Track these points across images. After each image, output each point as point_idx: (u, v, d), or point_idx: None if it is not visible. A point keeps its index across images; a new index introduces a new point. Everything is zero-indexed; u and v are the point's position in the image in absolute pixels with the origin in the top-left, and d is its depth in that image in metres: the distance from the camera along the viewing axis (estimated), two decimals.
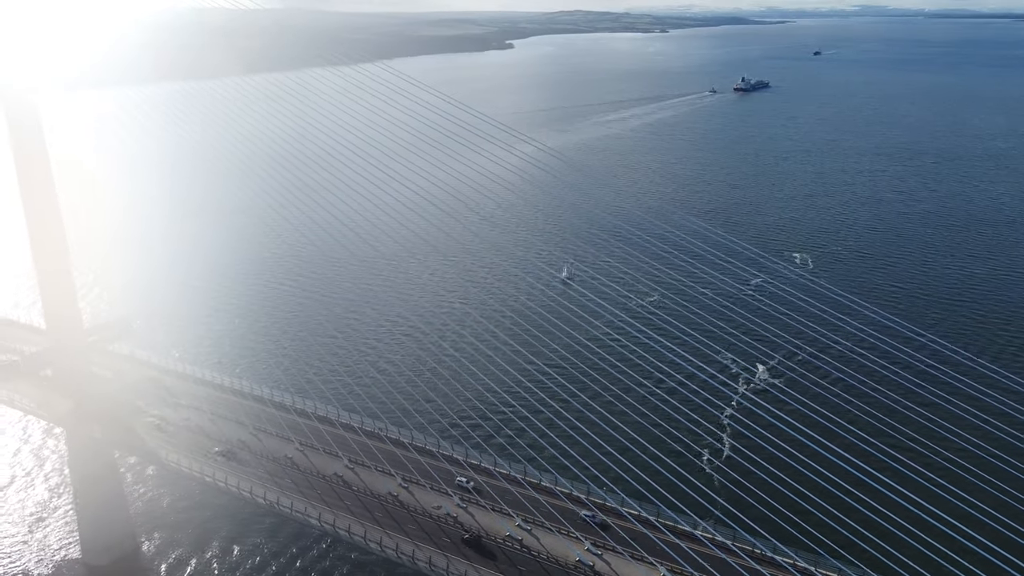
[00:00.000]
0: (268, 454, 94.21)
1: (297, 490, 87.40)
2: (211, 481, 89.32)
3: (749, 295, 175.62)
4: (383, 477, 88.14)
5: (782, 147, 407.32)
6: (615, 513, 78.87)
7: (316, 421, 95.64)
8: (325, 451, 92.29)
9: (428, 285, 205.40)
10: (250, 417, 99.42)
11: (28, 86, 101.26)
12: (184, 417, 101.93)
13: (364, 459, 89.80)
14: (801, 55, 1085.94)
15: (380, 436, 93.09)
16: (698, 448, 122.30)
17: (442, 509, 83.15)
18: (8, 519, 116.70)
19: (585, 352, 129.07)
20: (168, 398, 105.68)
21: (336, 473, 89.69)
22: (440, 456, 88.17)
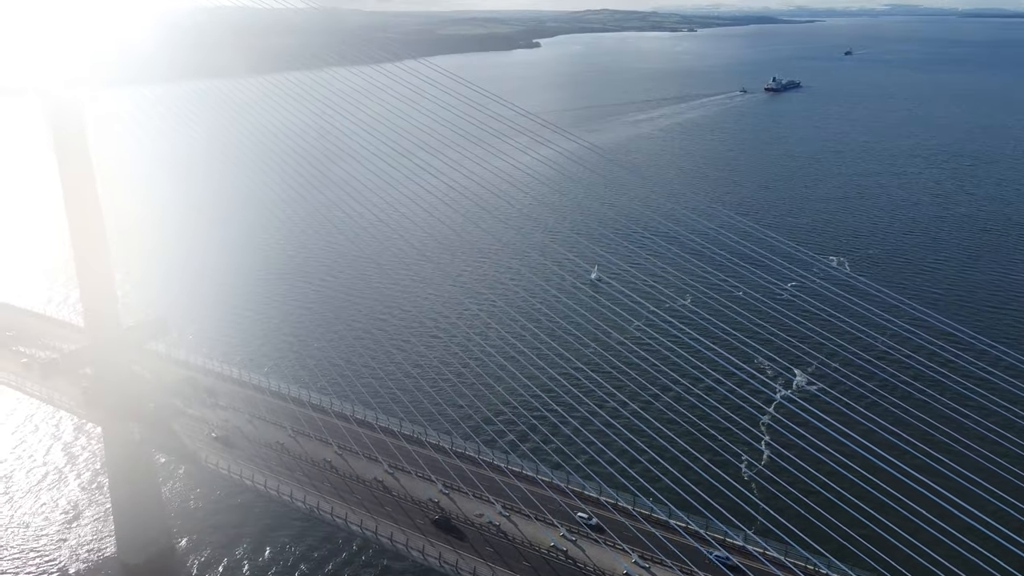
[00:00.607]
0: (307, 457, 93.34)
1: (336, 494, 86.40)
2: (251, 484, 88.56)
3: (786, 297, 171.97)
4: (423, 483, 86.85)
5: (814, 148, 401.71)
6: (664, 526, 76.96)
7: (355, 424, 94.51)
8: (364, 455, 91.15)
9: (457, 283, 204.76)
10: (288, 419, 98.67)
11: (71, 83, 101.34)
12: (223, 418, 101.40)
13: (404, 464, 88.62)
14: (831, 55, 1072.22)
15: (420, 441, 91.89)
16: (738, 453, 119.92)
17: (484, 517, 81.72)
18: (46, 516, 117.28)
19: (618, 354, 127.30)
20: (207, 399, 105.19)
21: (375, 478, 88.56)
22: (482, 463, 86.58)
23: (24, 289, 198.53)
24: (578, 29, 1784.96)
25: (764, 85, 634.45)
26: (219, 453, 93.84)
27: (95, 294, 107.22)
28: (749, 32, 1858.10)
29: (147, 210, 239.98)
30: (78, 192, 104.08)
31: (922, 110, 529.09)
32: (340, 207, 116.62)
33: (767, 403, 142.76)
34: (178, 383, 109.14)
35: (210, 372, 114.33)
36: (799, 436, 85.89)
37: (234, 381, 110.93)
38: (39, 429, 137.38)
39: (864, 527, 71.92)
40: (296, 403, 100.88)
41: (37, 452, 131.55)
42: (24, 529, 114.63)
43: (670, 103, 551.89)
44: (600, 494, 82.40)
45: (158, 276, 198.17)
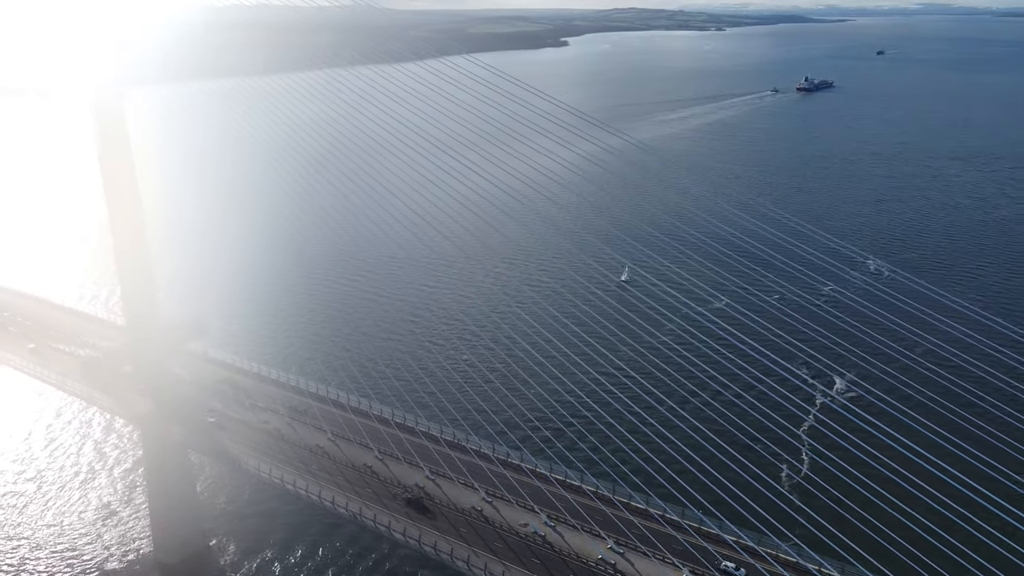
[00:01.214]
0: (347, 461, 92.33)
1: (378, 500, 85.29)
2: (292, 489, 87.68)
3: (821, 303, 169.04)
4: (466, 490, 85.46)
5: (849, 149, 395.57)
6: (717, 540, 74.91)
7: (396, 428, 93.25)
8: (405, 460, 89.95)
9: (486, 282, 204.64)
10: (328, 422, 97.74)
11: (115, 80, 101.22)
12: (262, 420, 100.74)
13: (446, 470, 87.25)
14: (863, 54, 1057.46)
15: (462, 447, 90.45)
16: (776, 464, 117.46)
17: (529, 527, 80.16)
18: (83, 513, 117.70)
19: (651, 356, 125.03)
20: (245, 400, 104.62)
21: (417, 484, 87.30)
22: (527, 471, 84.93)
23: (65, 287, 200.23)
24: (605, 28, 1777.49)
25: (796, 85, 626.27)
26: (259, 456, 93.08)
27: (135, 293, 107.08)
28: (778, 31, 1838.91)
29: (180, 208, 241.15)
30: (119, 191, 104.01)
31: (958, 111, 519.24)
32: (371, 206, 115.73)
33: (807, 409, 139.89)
34: (217, 384, 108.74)
35: (247, 373, 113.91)
36: (844, 442, 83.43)
37: (272, 382, 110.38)
38: (78, 427, 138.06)
39: (908, 538, 69.12)
40: (336, 406, 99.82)
41: (75, 450, 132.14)
42: (61, 526, 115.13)
43: (700, 103, 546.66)
44: (648, 504, 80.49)
45: (193, 275, 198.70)
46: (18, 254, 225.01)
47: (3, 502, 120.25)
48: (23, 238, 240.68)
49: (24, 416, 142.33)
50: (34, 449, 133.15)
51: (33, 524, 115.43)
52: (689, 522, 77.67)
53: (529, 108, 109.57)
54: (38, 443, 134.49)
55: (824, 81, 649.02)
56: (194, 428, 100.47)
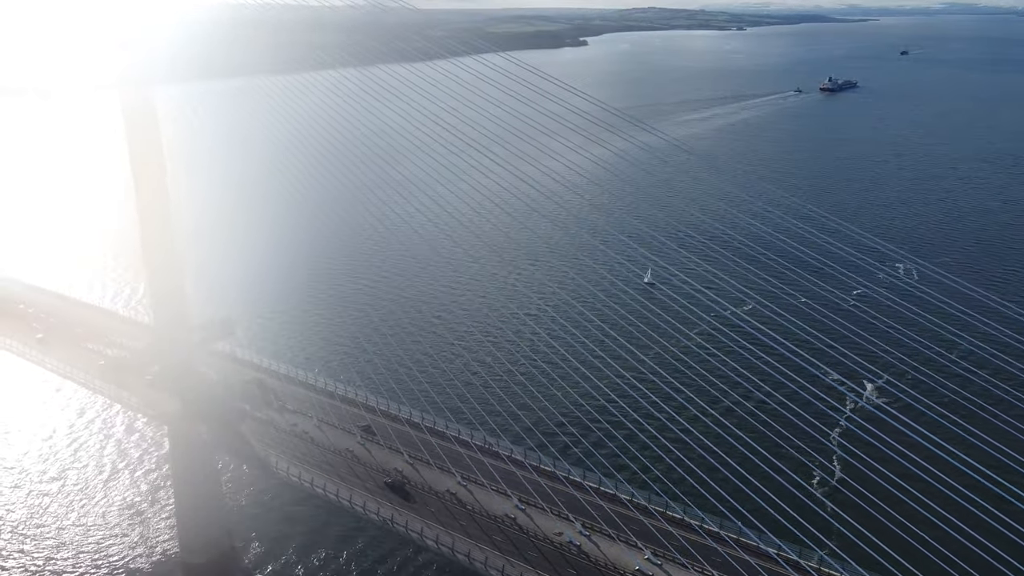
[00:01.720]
0: (376, 466, 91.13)
1: (408, 506, 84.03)
2: (322, 492, 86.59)
3: (851, 306, 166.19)
4: (499, 497, 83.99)
5: (874, 150, 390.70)
6: (756, 551, 72.98)
7: (428, 433, 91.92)
8: (438, 466, 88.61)
9: (507, 284, 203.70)
10: (359, 426, 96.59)
11: (146, 77, 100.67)
12: (292, 423, 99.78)
13: (479, 477, 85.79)
14: (887, 54, 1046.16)
15: (497, 454, 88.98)
16: (808, 470, 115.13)
17: (563, 536, 78.58)
18: (109, 513, 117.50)
19: (675, 362, 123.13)
20: (274, 401, 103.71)
21: (449, 490, 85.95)
22: (561, 479, 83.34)
23: (92, 285, 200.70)
24: (625, 27, 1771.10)
25: (819, 85, 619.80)
26: (288, 458, 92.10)
27: (163, 292, 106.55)
28: (800, 31, 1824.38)
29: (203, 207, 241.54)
30: (148, 189, 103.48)
31: (984, 112, 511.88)
32: (393, 204, 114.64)
33: (836, 417, 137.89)
34: (245, 384, 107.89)
35: (275, 373, 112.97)
36: (872, 452, 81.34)
37: (299, 383, 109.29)
38: (103, 426, 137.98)
39: (950, 548, 66.67)
40: (365, 408, 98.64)
41: (101, 449, 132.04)
42: (86, 525, 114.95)
43: (722, 103, 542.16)
44: (685, 515, 78.62)
45: (217, 273, 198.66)
46: (45, 252, 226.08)
47: (29, 500, 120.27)
48: (50, 236, 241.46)
49: (49, 414, 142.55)
50: (59, 448, 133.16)
51: (58, 522, 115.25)
52: (728, 533, 75.86)
53: (550, 106, 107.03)
54: (63, 442, 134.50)
55: (848, 81, 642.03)
56: (222, 429, 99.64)
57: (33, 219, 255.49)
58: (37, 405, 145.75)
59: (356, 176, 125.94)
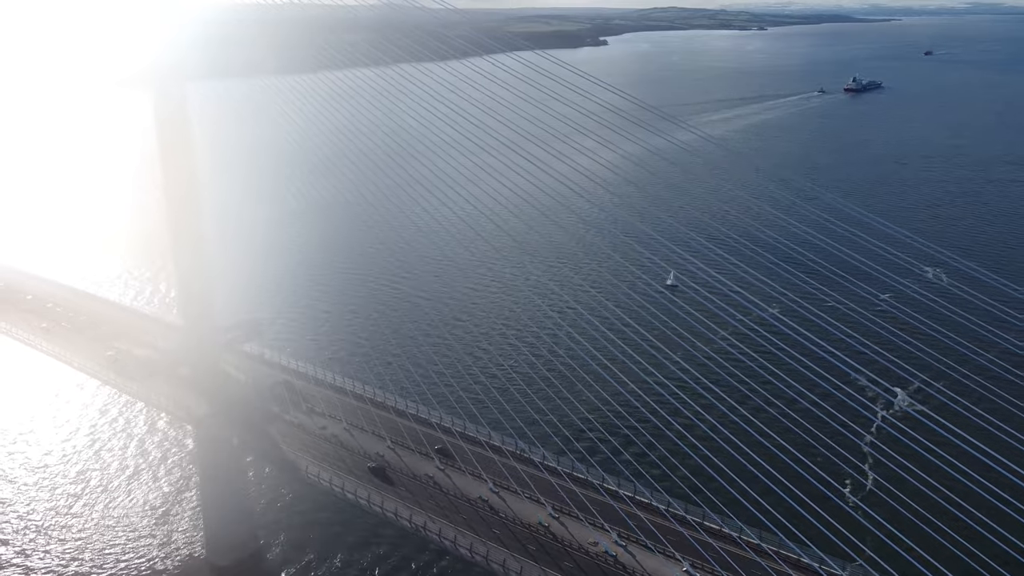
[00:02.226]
0: (407, 470, 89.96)
1: (441, 513, 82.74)
2: (352, 498, 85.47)
3: (881, 309, 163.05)
4: (531, 504, 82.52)
5: (901, 152, 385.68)
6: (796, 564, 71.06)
7: (460, 439, 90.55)
8: (469, 472, 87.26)
9: (528, 283, 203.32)
10: (388, 430, 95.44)
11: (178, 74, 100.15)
12: (320, 426, 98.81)
13: (512, 484, 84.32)
14: (911, 55, 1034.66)
15: (531, 460, 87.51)
16: (840, 477, 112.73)
17: (599, 546, 77.00)
18: (135, 513, 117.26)
19: (700, 366, 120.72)
20: (302, 404, 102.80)
21: (481, 497, 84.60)
22: (601, 489, 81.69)
23: (120, 284, 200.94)
24: (644, 27, 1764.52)
25: (843, 85, 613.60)
26: (317, 462, 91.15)
27: (192, 292, 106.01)
28: (821, 31, 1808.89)
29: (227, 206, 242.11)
30: (178, 186, 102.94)
31: (1013, 115, 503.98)
32: (412, 205, 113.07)
33: (867, 423, 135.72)
34: (272, 386, 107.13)
35: (302, 375, 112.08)
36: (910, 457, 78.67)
37: (327, 386, 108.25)
38: (131, 426, 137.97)
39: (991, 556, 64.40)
40: (396, 413, 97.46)
41: (127, 449, 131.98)
42: (112, 525, 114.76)
43: (745, 103, 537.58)
44: (724, 525, 76.75)
45: (243, 273, 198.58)
46: (72, 249, 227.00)
47: (53, 500, 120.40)
48: (77, 233, 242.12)
49: (75, 414, 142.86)
50: (83, 447, 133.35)
51: (83, 522, 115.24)
52: (769, 545, 74.04)
53: (571, 104, 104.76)
54: (88, 441, 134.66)
55: (872, 82, 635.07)
56: (250, 431, 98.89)
57: (60, 216, 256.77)
58: (63, 404, 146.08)
59: (382, 175, 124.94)
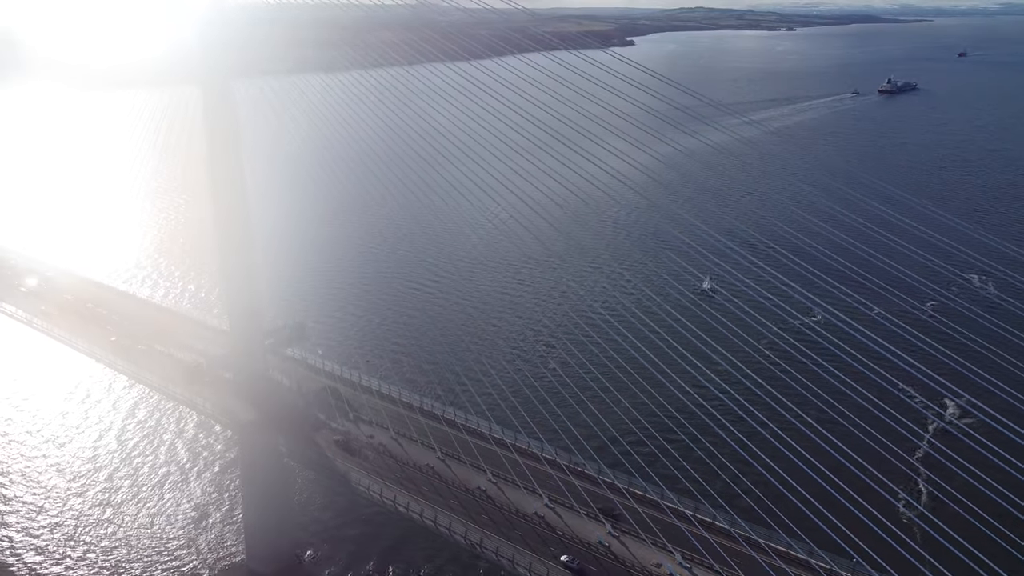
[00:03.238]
0: (458, 483, 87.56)
1: (496, 529, 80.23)
2: (404, 511, 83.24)
3: (926, 318, 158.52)
4: (590, 523, 79.72)
5: (939, 155, 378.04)
6: None
7: (515, 452, 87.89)
8: (523, 486, 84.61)
9: (556, 291, 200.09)
10: (438, 441, 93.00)
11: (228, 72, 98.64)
12: (368, 435, 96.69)
13: (569, 499, 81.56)
14: (944, 56, 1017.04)
15: (588, 475, 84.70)
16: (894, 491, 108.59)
17: (663, 568, 73.97)
18: (177, 519, 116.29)
19: (738, 375, 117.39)
20: (348, 411, 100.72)
21: (536, 512, 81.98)
22: (667, 509, 78.65)
23: (164, 287, 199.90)
24: (672, 27, 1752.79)
25: (878, 87, 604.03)
26: (368, 473, 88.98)
27: (238, 295, 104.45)
28: (851, 31, 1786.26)
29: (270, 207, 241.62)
30: (226, 188, 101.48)
31: None
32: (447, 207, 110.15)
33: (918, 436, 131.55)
34: (318, 392, 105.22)
35: (347, 381, 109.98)
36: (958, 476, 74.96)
37: (373, 392, 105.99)
38: (176, 431, 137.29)
39: None
40: (447, 423, 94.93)
41: (172, 454, 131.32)
42: (154, 529, 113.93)
43: (778, 105, 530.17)
44: (803, 551, 73.42)
45: (286, 277, 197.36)
46: (115, 250, 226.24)
47: (96, 503, 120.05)
48: (120, 233, 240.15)
49: (119, 417, 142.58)
50: (127, 451, 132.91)
51: (127, 525, 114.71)
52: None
53: (601, 107, 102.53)
54: (129, 446, 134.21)
55: (908, 83, 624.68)
56: (298, 439, 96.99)
57: (101, 216, 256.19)
58: (107, 407, 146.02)
59: (413, 175, 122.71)
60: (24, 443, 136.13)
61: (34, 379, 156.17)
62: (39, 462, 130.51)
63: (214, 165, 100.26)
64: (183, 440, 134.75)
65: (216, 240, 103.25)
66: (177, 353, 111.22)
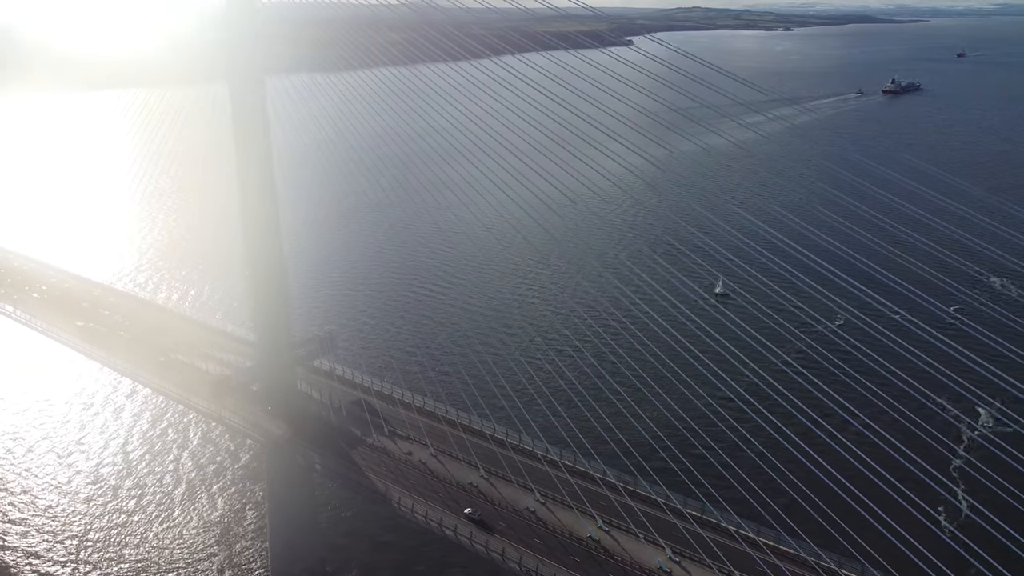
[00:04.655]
0: (505, 503, 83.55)
1: (549, 552, 76.27)
2: (452, 534, 79.18)
3: (949, 322, 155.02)
4: (648, 547, 75.76)
5: (948, 157, 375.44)
6: None
7: (566, 472, 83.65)
8: (576, 507, 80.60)
9: (569, 290, 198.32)
10: (481, 458, 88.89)
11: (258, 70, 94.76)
12: (405, 451, 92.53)
13: (627, 523, 77.52)
14: (943, 56, 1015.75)
15: (644, 496, 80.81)
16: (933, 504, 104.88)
17: None
18: (201, 532, 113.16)
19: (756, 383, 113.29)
20: (383, 426, 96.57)
21: (591, 536, 78.03)
22: (737, 536, 74.72)
23: (190, 295, 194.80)
24: (669, 27, 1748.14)
25: (882, 87, 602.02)
26: (410, 492, 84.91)
27: (267, 306, 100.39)
28: (848, 31, 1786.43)
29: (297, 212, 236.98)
30: (254, 192, 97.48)
31: None
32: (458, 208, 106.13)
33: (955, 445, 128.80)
34: (350, 406, 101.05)
35: (378, 394, 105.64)
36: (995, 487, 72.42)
37: (406, 405, 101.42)
38: (204, 444, 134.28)
39: None
40: (494, 441, 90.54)
41: (199, 468, 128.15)
42: (180, 543, 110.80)
43: (782, 105, 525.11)
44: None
45: (313, 286, 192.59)
46: (140, 258, 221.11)
47: (122, 515, 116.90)
48: (145, 241, 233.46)
49: (146, 430, 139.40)
50: (153, 463, 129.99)
51: (152, 539, 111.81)
52: None
53: (605, 110, 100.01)
54: (152, 459, 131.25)
55: (912, 83, 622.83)
56: (333, 455, 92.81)
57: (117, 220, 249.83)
58: (130, 419, 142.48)
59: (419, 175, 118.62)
60: (48, 454, 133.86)
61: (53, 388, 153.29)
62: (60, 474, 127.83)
63: (243, 169, 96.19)
64: (208, 453, 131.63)
65: (244, 247, 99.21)
66: (202, 364, 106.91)
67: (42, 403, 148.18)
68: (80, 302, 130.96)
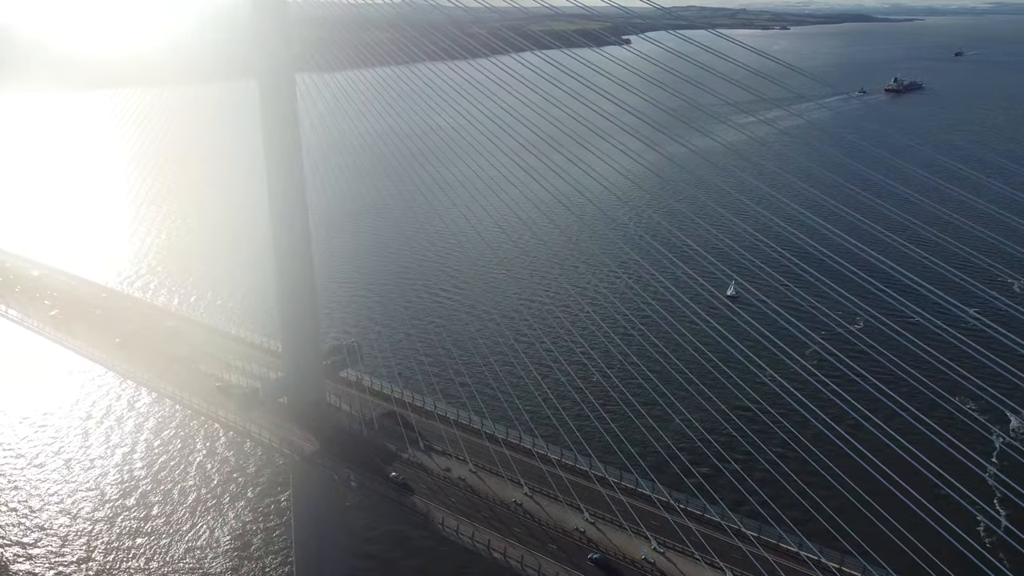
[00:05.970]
0: (552, 524, 79.94)
1: None
2: (500, 557, 75.48)
3: (970, 325, 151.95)
4: (710, 571, 72.23)
5: (955, 156, 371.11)
6: None
7: (618, 491, 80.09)
8: (629, 528, 77.01)
9: (579, 290, 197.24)
10: (525, 475, 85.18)
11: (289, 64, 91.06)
12: (443, 467, 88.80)
13: (689, 547, 73.88)
14: (941, 55, 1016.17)
15: (698, 516, 77.32)
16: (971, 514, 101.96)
17: None
18: (226, 548, 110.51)
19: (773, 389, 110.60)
20: (419, 440, 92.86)
21: (646, 558, 74.47)
22: (791, 555, 71.32)
23: (215, 302, 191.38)
24: (665, 26, 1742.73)
25: (884, 86, 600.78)
26: (452, 511, 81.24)
27: (295, 315, 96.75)
28: (844, 30, 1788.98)
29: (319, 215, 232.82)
30: (284, 202, 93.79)
31: None
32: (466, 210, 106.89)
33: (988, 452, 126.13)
34: (381, 419, 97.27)
35: (409, 405, 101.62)
36: None
37: (438, 418, 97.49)
38: (228, 458, 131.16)
39: None
40: (542, 459, 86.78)
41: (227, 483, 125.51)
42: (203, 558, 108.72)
43: (785, 104, 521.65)
44: None
45: (336, 294, 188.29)
46: (163, 267, 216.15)
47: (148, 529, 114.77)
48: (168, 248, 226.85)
49: (172, 444, 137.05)
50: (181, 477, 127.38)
51: (175, 553, 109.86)
52: None
53: (610, 109, 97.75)
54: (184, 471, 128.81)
55: (914, 82, 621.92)
56: (367, 471, 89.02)
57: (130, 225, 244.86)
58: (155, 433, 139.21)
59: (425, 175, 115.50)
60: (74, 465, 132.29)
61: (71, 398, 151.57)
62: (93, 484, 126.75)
63: (272, 168, 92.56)
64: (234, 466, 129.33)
65: (273, 253, 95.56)
66: (227, 376, 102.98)
67: (68, 415, 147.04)
68: (93, 309, 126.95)
